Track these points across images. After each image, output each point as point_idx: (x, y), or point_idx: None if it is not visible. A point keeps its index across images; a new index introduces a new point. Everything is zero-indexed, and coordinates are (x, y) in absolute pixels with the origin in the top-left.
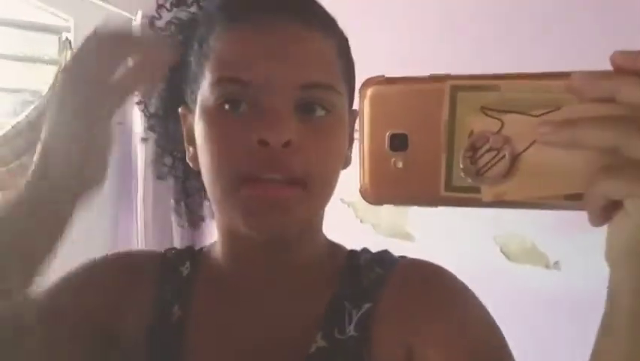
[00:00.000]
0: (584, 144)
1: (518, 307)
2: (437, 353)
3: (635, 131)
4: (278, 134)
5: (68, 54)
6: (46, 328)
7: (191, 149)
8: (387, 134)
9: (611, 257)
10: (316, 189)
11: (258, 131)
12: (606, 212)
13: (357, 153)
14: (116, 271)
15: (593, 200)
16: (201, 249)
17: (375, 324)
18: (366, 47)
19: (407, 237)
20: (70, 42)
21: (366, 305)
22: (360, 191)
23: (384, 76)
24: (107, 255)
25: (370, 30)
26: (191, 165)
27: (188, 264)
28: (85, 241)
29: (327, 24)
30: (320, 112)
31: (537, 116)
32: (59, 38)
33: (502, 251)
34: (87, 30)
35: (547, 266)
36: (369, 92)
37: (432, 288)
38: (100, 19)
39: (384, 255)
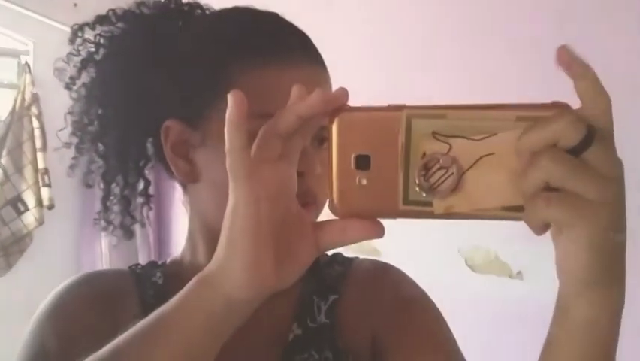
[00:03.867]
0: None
1: (484, 315)
2: (399, 338)
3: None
4: (311, 167)
5: (27, 78)
6: None
7: (182, 163)
8: (353, 155)
9: (563, 280)
10: (323, 205)
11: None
12: (546, 227)
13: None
14: (91, 303)
15: (533, 220)
16: (164, 262)
17: (342, 312)
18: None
19: (374, 253)
20: (29, 66)
21: (332, 297)
22: (329, 206)
23: (349, 104)
24: (76, 281)
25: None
26: (182, 178)
27: (159, 274)
28: (49, 264)
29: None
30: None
31: (478, 140)
32: (18, 62)
33: (467, 264)
34: (46, 53)
35: (510, 276)
36: (336, 118)
37: (388, 280)
38: (59, 43)
39: (340, 255)
